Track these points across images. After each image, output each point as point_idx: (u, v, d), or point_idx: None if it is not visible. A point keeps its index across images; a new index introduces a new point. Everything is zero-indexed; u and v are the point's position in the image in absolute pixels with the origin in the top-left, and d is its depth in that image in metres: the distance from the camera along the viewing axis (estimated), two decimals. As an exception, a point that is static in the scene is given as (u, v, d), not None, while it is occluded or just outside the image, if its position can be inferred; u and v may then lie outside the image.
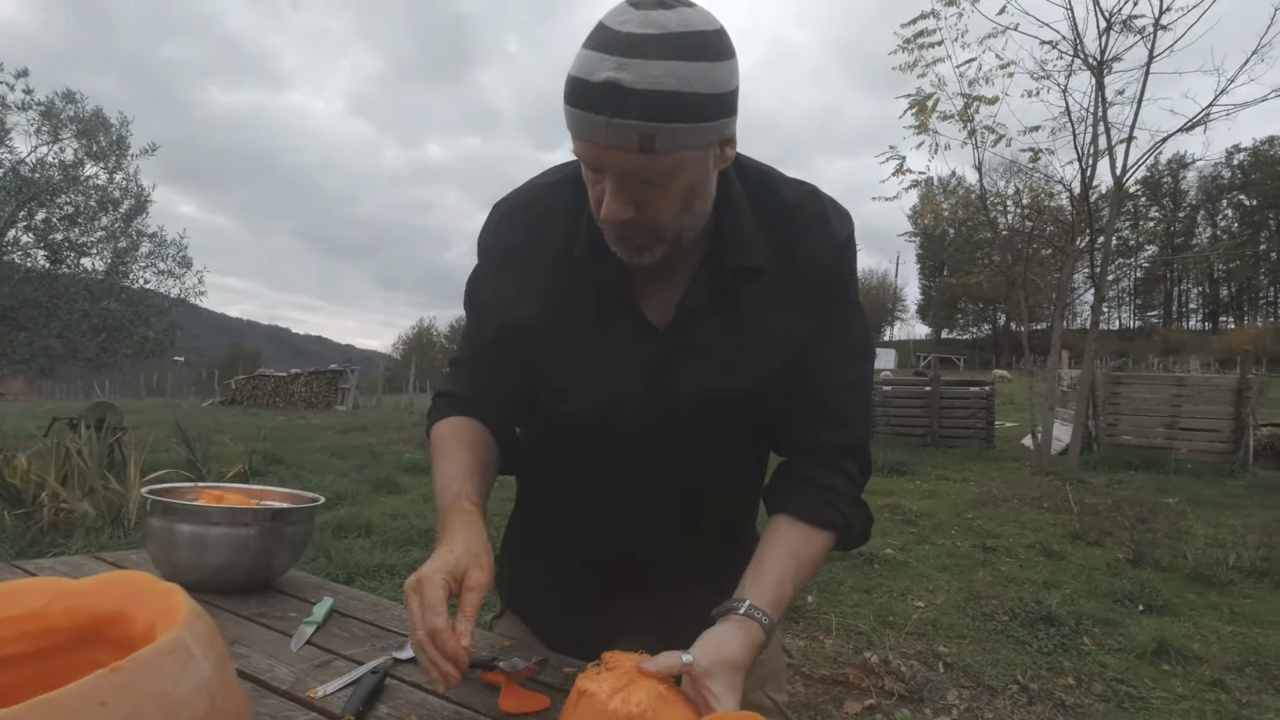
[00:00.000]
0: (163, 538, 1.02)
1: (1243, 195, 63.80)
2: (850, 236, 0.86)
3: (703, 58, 0.64)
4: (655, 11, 0.64)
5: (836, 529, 0.85)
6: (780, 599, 0.79)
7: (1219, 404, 8.35)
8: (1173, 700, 2.64)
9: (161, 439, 6.95)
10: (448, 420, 0.92)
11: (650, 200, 0.71)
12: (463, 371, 0.96)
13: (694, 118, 0.65)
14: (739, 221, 0.81)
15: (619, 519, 0.95)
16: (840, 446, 0.87)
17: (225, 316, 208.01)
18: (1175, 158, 40.56)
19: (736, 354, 0.83)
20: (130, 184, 10.21)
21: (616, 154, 0.66)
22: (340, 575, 3.53)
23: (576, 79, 0.65)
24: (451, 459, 0.87)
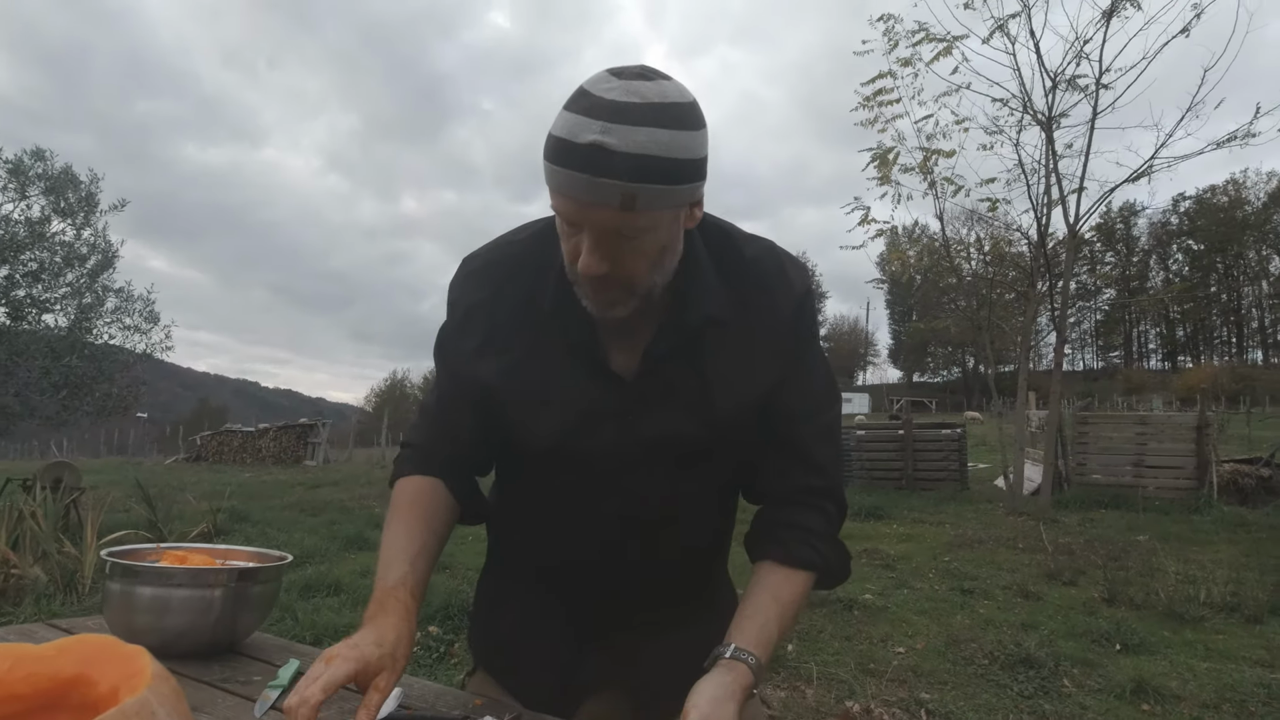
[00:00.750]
0: (122, 602, 0.99)
1: (1190, 240, 66.74)
2: (809, 289, 0.90)
3: (679, 126, 0.69)
4: (637, 82, 0.69)
5: (815, 568, 0.87)
6: (765, 639, 0.80)
7: (1182, 441, 8.56)
8: (1154, 741, 2.63)
9: (121, 499, 6.72)
10: (410, 480, 0.93)
11: (625, 256, 0.74)
12: (430, 422, 0.97)
13: (671, 180, 0.69)
14: (701, 276, 0.84)
15: (591, 569, 0.95)
16: (816, 490, 0.90)
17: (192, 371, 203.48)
18: (1126, 205, 42.48)
19: (702, 403, 0.85)
20: (98, 240, 10.13)
21: (598, 211, 0.70)
22: (307, 637, 3.40)
23: (561, 139, 0.69)
24: (405, 531, 0.87)
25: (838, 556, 0.91)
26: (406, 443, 0.98)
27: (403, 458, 0.97)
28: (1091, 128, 8.12)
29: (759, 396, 0.87)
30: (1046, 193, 8.45)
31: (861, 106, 8.80)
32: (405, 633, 0.78)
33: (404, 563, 0.84)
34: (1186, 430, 8.59)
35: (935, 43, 8.27)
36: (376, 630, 0.76)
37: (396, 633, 0.76)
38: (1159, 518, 7.31)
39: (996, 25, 8.13)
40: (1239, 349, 68.18)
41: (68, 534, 4.69)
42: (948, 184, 8.76)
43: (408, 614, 0.80)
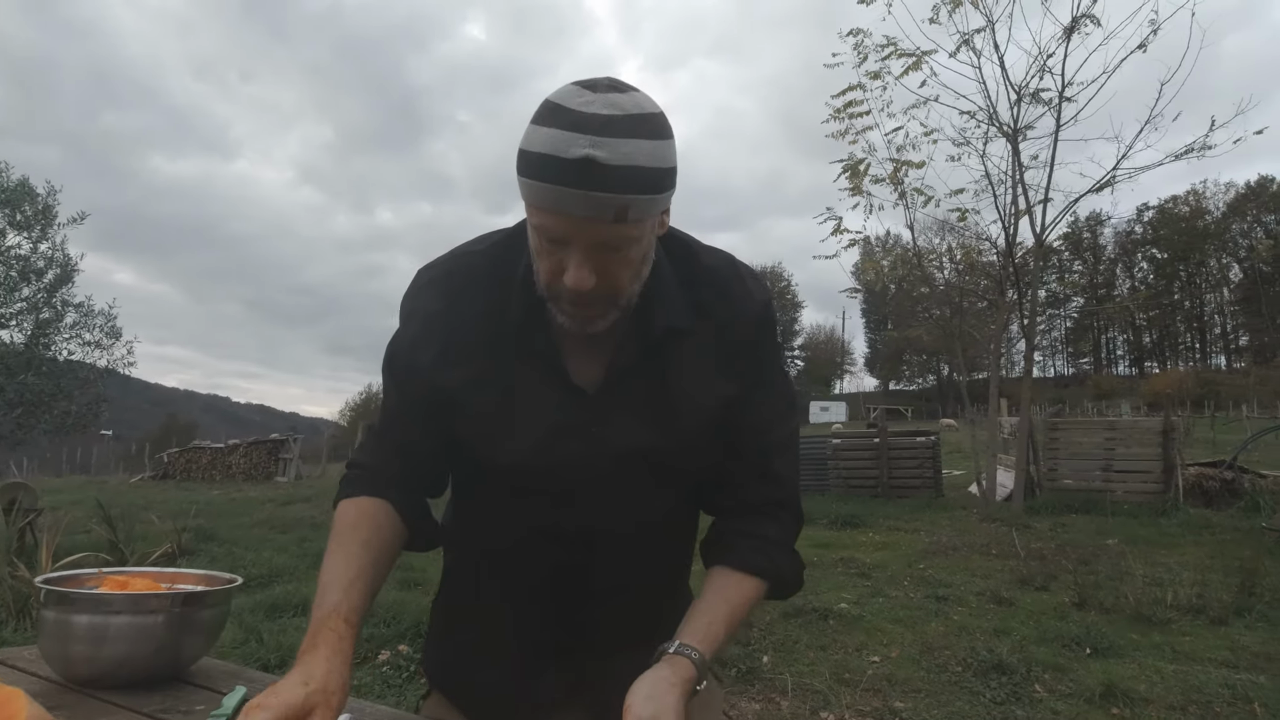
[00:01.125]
0: (56, 630, 0.95)
1: (1155, 249, 68.60)
2: (768, 300, 0.90)
3: (658, 136, 0.71)
4: (612, 94, 0.69)
5: (767, 576, 0.87)
6: (710, 636, 0.80)
7: (1148, 445, 8.73)
8: (1123, 744, 2.65)
9: (81, 519, 6.52)
10: (353, 501, 0.89)
11: (612, 268, 0.74)
12: (379, 442, 0.93)
13: (657, 189, 0.71)
14: (662, 285, 0.83)
15: (551, 588, 0.93)
16: (774, 501, 0.90)
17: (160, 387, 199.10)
18: (1093, 215, 43.54)
19: (665, 414, 0.85)
20: (56, 253, 9.88)
21: (590, 225, 0.70)
22: (273, 660, 3.31)
23: (548, 155, 0.68)
24: (344, 556, 0.83)
25: (791, 566, 0.91)
26: (351, 464, 0.95)
27: (347, 479, 0.93)
28: (1055, 140, 8.32)
29: (719, 407, 0.86)
30: (1014, 203, 8.63)
31: (833, 119, 8.94)
32: (337, 664, 0.74)
33: (338, 590, 0.80)
34: (1153, 435, 8.77)
35: (904, 57, 8.44)
36: (304, 669, 0.72)
37: (327, 666, 0.73)
38: (1128, 521, 7.44)
39: (962, 40, 8.31)
40: (1203, 354, 70.08)
41: (22, 557, 4.53)
42: (918, 194, 8.92)
43: (340, 643, 0.76)
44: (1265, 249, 44.52)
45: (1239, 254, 64.26)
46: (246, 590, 4.80)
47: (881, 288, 14.36)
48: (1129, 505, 8.17)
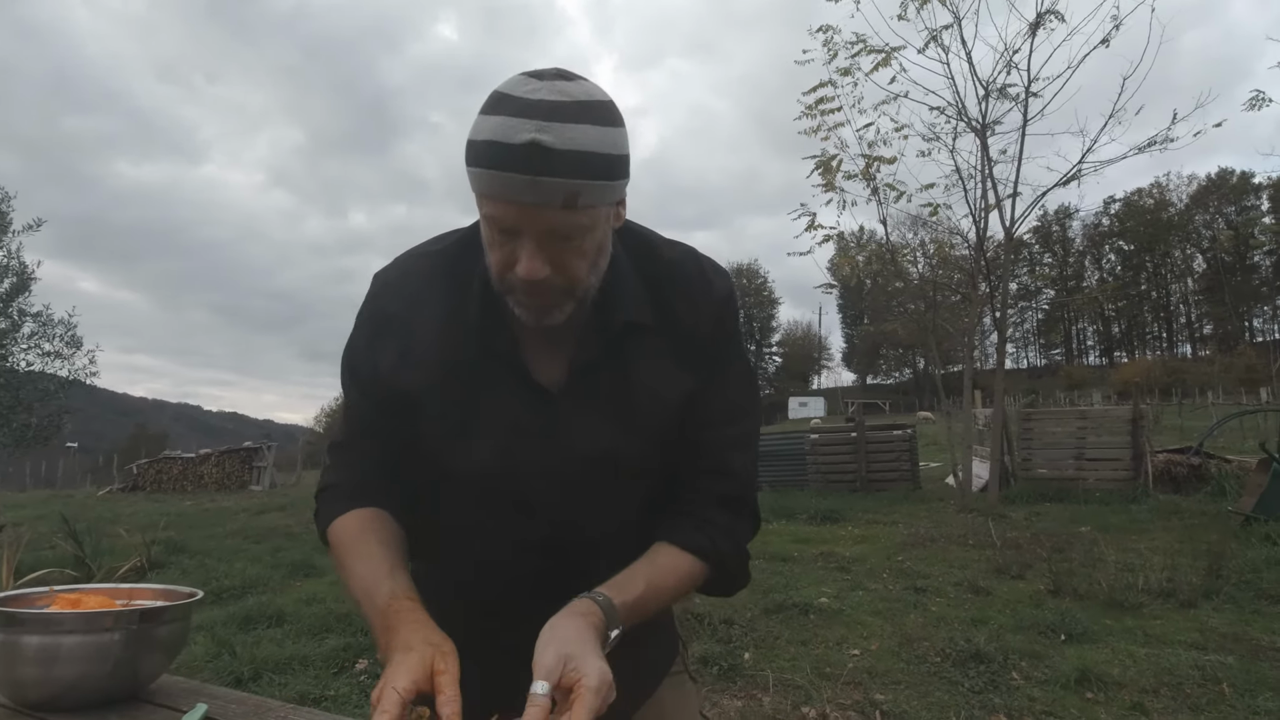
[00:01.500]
0: (4, 653, 0.91)
1: (1121, 241, 70.13)
2: (730, 293, 0.89)
3: (608, 123, 0.70)
4: (559, 82, 0.69)
5: (704, 555, 0.84)
6: (625, 587, 0.77)
7: (1118, 434, 8.91)
8: (1098, 728, 2.70)
9: (46, 534, 6.36)
10: (348, 515, 0.87)
11: (566, 257, 0.72)
12: (346, 456, 0.91)
13: (608, 175, 0.69)
14: (621, 279, 0.82)
15: (521, 592, 0.91)
16: (725, 497, 0.87)
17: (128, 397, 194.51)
18: (1061, 208, 44.43)
19: (628, 411, 0.83)
20: (11, 261, 9.57)
21: (539, 212, 0.68)
22: (246, 673, 3.25)
23: (494, 142, 0.67)
24: (367, 558, 0.81)
25: (734, 554, 0.87)
26: (325, 486, 0.92)
27: (327, 500, 0.90)
28: (1023, 134, 8.46)
29: (680, 403, 0.85)
30: (983, 197, 8.75)
31: (804, 115, 8.98)
32: (430, 627, 0.73)
33: (383, 581, 0.78)
34: (1122, 423, 8.95)
35: (873, 53, 8.51)
36: (403, 644, 0.70)
37: (423, 631, 0.72)
38: (1100, 509, 7.59)
39: (931, 36, 8.41)
40: (1169, 343, 71.81)
41: (-16, 575, 4.38)
42: (890, 190, 9.00)
43: (416, 613, 0.75)
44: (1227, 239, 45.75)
45: (1202, 245, 65.98)
46: (219, 602, 4.70)
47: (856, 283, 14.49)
48: (1101, 493, 8.34)
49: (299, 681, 3.21)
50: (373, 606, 0.77)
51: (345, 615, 4.15)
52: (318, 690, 3.12)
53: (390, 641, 0.72)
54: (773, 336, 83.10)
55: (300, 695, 3.05)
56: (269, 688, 3.13)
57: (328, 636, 3.87)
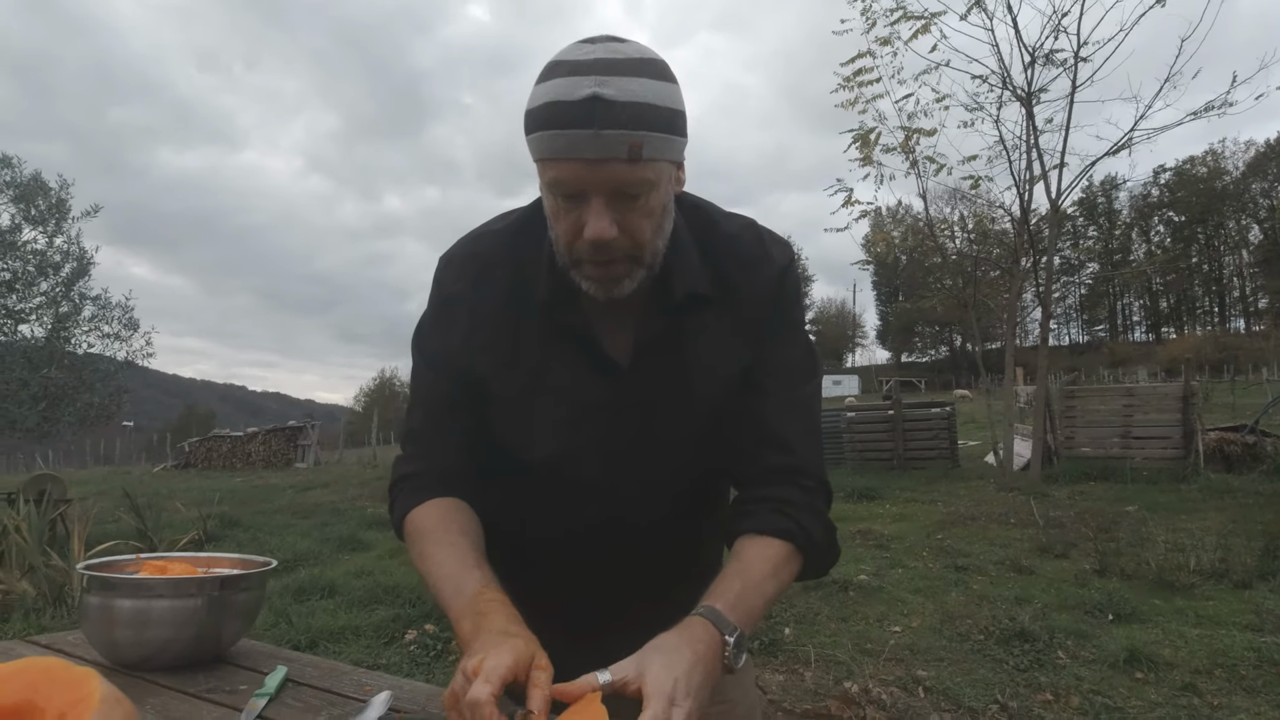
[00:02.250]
0: (100, 616, 0.96)
1: (1171, 212, 67.37)
2: (790, 263, 0.87)
3: (664, 79, 0.70)
4: (612, 43, 0.69)
5: (792, 536, 0.80)
6: (722, 591, 0.73)
7: (1167, 411, 8.65)
8: (1148, 708, 2.66)
9: (109, 509, 6.65)
10: (429, 504, 0.85)
11: (631, 218, 0.71)
12: (423, 445, 0.90)
13: (669, 129, 0.69)
14: (682, 251, 0.81)
15: (586, 569, 0.92)
16: (788, 469, 0.84)
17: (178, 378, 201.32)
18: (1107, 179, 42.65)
19: (693, 384, 0.83)
20: (71, 247, 9.90)
21: (604, 167, 0.68)
22: (303, 641, 3.38)
23: (553, 102, 0.67)
24: (450, 546, 0.80)
25: (821, 529, 0.83)
26: (402, 475, 0.90)
27: (403, 491, 0.88)
28: (1071, 102, 8.14)
29: (737, 376, 0.84)
30: (1028, 169, 8.48)
31: (841, 88, 8.78)
32: (519, 624, 0.71)
33: (473, 570, 0.77)
34: (1172, 400, 8.68)
35: (913, 20, 8.25)
36: (500, 632, 0.67)
37: (519, 625, 0.70)
38: (1147, 488, 7.40)
39: (974, 1, 8.11)
40: (1221, 318, 69.08)
41: (55, 547, 4.63)
42: (930, 163, 8.77)
43: (507, 607, 0.72)
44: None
45: (1259, 214, 63.00)
46: (274, 574, 4.89)
47: (893, 259, 14.21)
48: (1148, 472, 8.12)
49: (352, 650, 3.33)
50: (459, 594, 0.75)
51: (393, 588, 4.28)
52: (370, 659, 3.24)
53: (482, 626, 0.70)
54: (807, 314, 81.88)
55: (354, 663, 3.16)
56: (324, 655, 3.25)
57: (377, 608, 4.00)
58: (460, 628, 0.73)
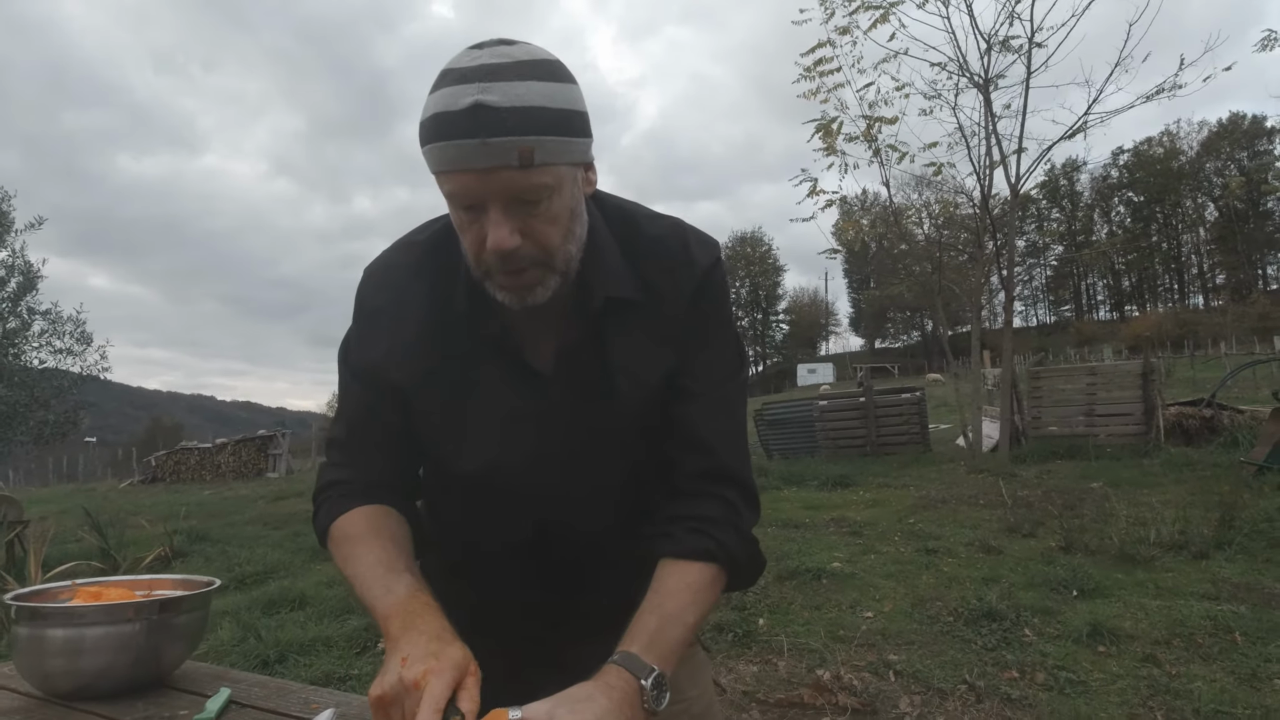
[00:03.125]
0: (31, 646, 0.94)
1: (1131, 192, 69.01)
2: (714, 264, 0.86)
3: (556, 79, 0.68)
4: (500, 47, 0.68)
5: (712, 557, 0.79)
6: (638, 631, 0.73)
7: (1129, 389, 8.87)
8: (1109, 680, 2.73)
9: (71, 528, 6.48)
10: (355, 512, 0.83)
11: (535, 224, 0.70)
12: (346, 454, 0.89)
13: (564, 131, 0.67)
14: (604, 255, 0.80)
15: (523, 583, 0.91)
16: (707, 472, 0.83)
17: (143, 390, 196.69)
18: (1069, 162, 43.54)
19: (617, 389, 0.82)
20: (17, 260, 9.61)
21: (496, 176, 0.66)
22: (271, 655, 3.32)
23: (438, 114, 0.65)
24: (380, 549, 0.79)
25: (740, 544, 0.81)
26: (328, 483, 0.88)
27: (329, 499, 0.86)
28: (1026, 87, 8.28)
29: (660, 381, 0.83)
30: (988, 154, 8.61)
31: (803, 78, 8.83)
32: (450, 632, 0.70)
33: (403, 575, 0.76)
34: (1133, 378, 8.90)
35: (871, 9, 8.32)
36: (426, 633, 0.68)
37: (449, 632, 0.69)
38: (1111, 464, 7.59)
39: (930, -10, 8.19)
40: (1181, 295, 71.00)
41: (12, 570, 4.50)
42: (892, 151, 8.86)
43: (438, 615, 0.72)
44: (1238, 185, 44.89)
45: (1213, 193, 64.79)
46: (243, 588, 4.80)
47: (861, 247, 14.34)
48: (1112, 448, 8.33)
49: (323, 662, 3.29)
50: (389, 593, 0.74)
51: (366, 596, 4.23)
52: (342, 669, 3.20)
53: (412, 625, 0.69)
54: (779, 304, 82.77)
55: (325, 675, 3.13)
56: (295, 668, 3.21)
57: (349, 618, 3.95)
58: (388, 625, 0.72)
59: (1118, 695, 2.62)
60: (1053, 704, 2.58)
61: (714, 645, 3.25)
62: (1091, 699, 2.61)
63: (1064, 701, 2.59)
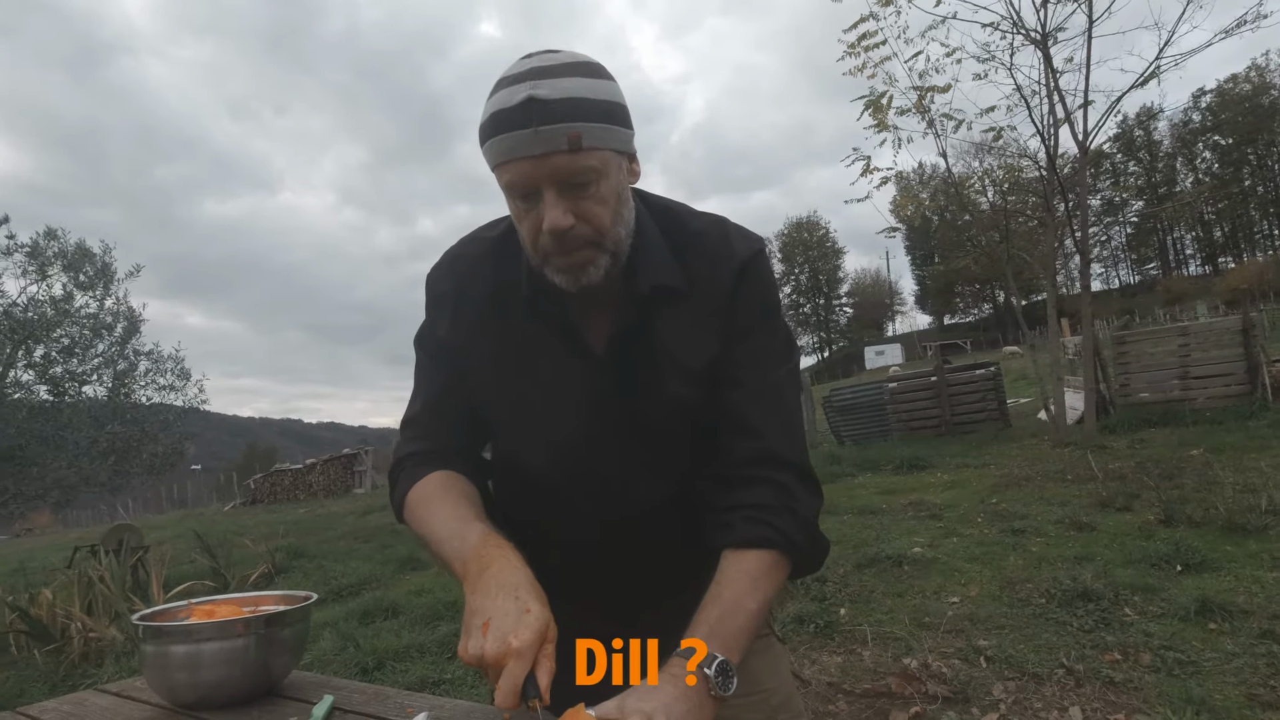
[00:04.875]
0: (157, 662, 1.03)
1: (1217, 136, 64.08)
2: (755, 255, 0.88)
3: (598, 76, 0.75)
4: (547, 54, 0.76)
5: (771, 544, 0.80)
6: (701, 621, 0.74)
7: (1227, 347, 8.27)
8: (1224, 659, 2.57)
9: (184, 551, 6.96)
10: (428, 477, 0.88)
11: (585, 206, 0.75)
12: (419, 428, 0.94)
13: (607, 119, 0.74)
14: (650, 247, 0.85)
15: (586, 568, 0.95)
16: (756, 456, 0.84)
17: (238, 418, 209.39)
18: (1143, 110, 40.77)
19: (664, 375, 0.86)
20: (121, 307, 10.46)
21: (548, 161, 0.72)
22: (370, 663, 3.50)
23: (495, 112, 0.73)
24: (453, 505, 0.83)
25: (798, 527, 0.82)
26: (404, 456, 0.93)
27: (403, 469, 0.91)
28: (1089, 37, 7.82)
29: (705, 368, 0.86)
30: (1051, 112, 8.19)
31: (847, 55, 8.61)
32: (533, 577, 0.72)
33: (475, 524, 0.79)
34: (1231, 335, 8.29)
35: (915, -25, 8.03)
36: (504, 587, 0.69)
37: (526, 580, 0.71)
38: (1212, 429, 7.10)
39: (976, -53, 7.85)
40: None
41: (137, 592, 4.88)
42: (947, 120, 8.54)
43: (512, 556, 0.74)
44: (1342, 117, 40.98)
45: (1313, 127, 59.44)
46: (339, 600, 5.06)
47: (922, 222, 13.85)
48: (1211, 412, 7.79)
49: (418, 668, 3.44)
50: (463, 545, 0.76)
51: (452, 604, 4.39)
52: (435, 674, 3.33)
53: (486, 570, 0.72)
54: (841, 287, 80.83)
55: (420, 680, 3.27)
56: (392, 675, 3.37)
57: (439, 624, 4.11)
58: (466, 569, 0.75)
59: (1234, 674, 2.46)
60: (1161, 686, 2.45)
61: (795, 637, 3.23)
62: (1204, 679, 2.46)
63: (1173, 683, 2.46)
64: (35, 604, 4.55)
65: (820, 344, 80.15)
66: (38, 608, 4.50)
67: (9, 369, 9.20)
